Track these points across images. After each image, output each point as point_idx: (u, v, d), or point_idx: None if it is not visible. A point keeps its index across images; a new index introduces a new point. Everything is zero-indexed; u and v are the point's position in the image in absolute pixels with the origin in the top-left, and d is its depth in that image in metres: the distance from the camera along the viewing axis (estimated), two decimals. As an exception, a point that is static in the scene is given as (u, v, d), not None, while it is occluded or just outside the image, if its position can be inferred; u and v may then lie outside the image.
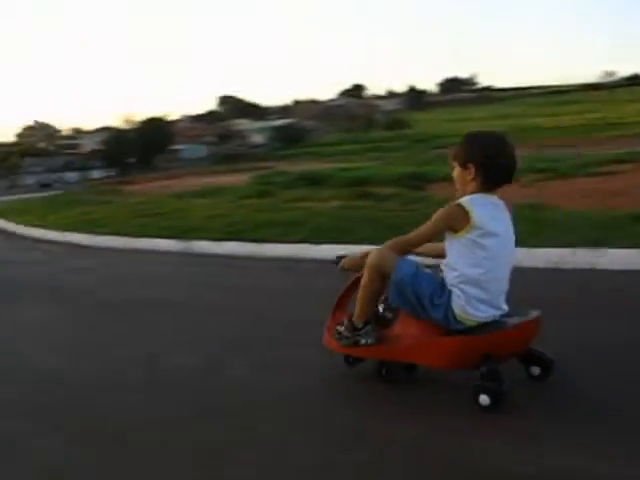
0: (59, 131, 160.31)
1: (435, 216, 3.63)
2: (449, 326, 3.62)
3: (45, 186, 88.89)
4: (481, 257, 3.53)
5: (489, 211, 3.57)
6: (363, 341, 3.95)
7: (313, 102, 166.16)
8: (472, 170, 3.61)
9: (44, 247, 16.01)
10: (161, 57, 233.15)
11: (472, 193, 3.63)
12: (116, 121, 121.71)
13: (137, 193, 28.82)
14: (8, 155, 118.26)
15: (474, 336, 3.55)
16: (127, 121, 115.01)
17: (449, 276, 3.66)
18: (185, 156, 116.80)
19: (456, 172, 3.73)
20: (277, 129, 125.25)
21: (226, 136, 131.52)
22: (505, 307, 3.71)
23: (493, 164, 3.58)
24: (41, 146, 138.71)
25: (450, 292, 3.61)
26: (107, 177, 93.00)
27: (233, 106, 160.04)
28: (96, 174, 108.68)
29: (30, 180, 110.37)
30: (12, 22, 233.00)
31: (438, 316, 3.62)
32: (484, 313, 3.59)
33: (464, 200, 3.57)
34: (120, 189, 35.57)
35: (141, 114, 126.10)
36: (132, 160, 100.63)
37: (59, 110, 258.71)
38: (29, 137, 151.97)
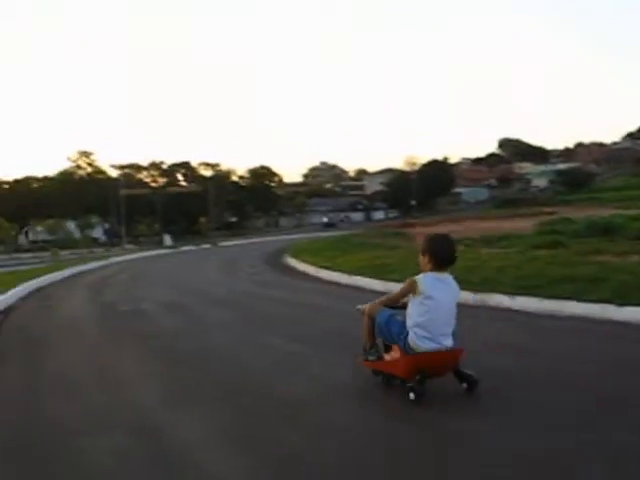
0: (345, 172, 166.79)
1: (404, 284, 5.88)
2: (407, 352, 5.69)
3: (329, 225, 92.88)
4: (424, 311, 5.61)
5: (432, 283, 5.64)
6: (370, 358, 6.27)
7: (597, 145, 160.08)
8: (427, 258, 5.74)
9: (339, 292, 16.66)
10: (441, 99, 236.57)
11: (427, 271, 5.73)
12: (399, 163, 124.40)
13: (421, 237, 29.16)
14: (296, 194, 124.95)
15: (411, 356, 5.65)
16: (410, 163, 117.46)
17: (408, 321, 5.75)
18: (466, 199, 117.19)
19: (420, 258, 5.87)
20: (559, 173, 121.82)
21: (507, 179, 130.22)
22: (446, 343, 5.69)
23: (437, 254, 5.71)
24: (327, 187, 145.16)
25: (408, 332, 5.70)
26: (389, 218, 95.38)
27: (514, 149, 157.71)
28: (379, 215, 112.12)
29: (316, 219, 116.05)
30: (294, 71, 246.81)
31: (401, 344, 5.75)
32: (428, 346, 5.61)
33: (418, 276, 5.72)
34: (403, 232, 36.25)
35: (423, 156, 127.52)
36: (413, 202, 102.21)
37: (345, 151, 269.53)
38: (315, 177, 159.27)
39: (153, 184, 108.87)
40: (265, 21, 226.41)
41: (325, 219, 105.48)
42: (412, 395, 5.54)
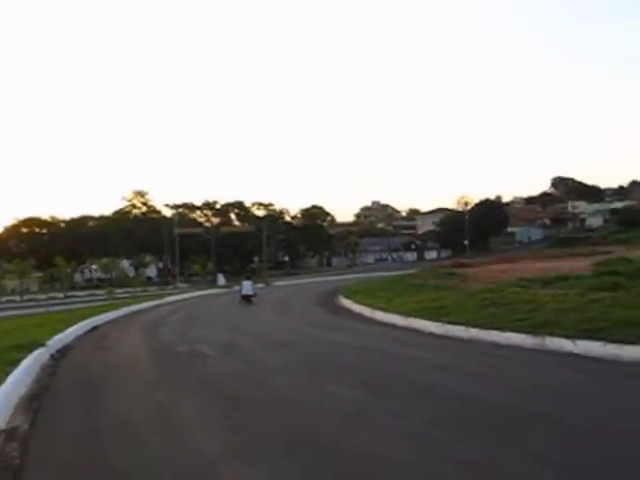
0: (397, 212, 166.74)
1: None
2: (241, 293, 36.41)
3: (381, 260, 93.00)
4: (243, 287, 36.42)
5: (244, 282, 36.89)
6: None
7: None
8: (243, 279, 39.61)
9: (396, 334, 16.50)
10: (492, 138, 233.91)
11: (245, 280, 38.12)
12: (451, 203, 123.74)
13: (476, 277, 28.78)
14: (348, 234, 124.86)
15: (240, 295, 35.96)
16: (462, 203, 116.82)
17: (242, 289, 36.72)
18: (519, 239, 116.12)
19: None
20: (614, 212, 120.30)
21: (561, 219, 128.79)
22: (248, 293, 35.43)
23: (244, 278, 39.98)
24: (379, 226, 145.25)
25: (242, 290, 36.27)
26: (441, 258, 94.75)
27: (567, 188, 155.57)
28: (431, 255, 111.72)
29: (368, 259, 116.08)
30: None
31: (241, 293, 36.14)
32: (243, 293, 35.58)
33: (243, 281, 38.00)
34: (457, 272, 35.85)
35: (475, 196, 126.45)
36: (466, 242, 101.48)
37: (397, 191, 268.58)
38: (367, 217, 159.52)
39: (207, 224, 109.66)
40: (328, 62, 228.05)
41: (377, 258, 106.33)
42: (240, 303, 34.50)
